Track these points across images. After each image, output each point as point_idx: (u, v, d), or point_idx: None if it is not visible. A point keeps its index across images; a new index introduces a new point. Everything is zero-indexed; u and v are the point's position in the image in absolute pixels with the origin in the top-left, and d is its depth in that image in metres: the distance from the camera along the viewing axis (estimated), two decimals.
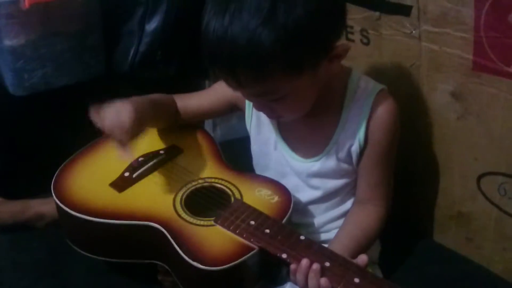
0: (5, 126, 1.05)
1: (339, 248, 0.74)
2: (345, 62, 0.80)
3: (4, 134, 1.05)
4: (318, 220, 0.85)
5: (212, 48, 0.68)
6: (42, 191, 0.85)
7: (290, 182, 0.83)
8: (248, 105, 0.87)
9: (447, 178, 0.89)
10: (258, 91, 0.71)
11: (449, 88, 0.83)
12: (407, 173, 0.92)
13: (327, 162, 0.81)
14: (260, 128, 0.87)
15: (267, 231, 0.73)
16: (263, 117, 0.83)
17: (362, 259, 0.69)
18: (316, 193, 0.84)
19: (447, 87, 0.84)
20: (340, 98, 0.79)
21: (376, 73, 0.92)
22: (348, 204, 0.85)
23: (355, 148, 0.79)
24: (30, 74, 1.03)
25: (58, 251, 0.85)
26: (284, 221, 0.76)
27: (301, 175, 0.83)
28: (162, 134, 0.93)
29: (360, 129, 0.78)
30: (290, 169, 0.84)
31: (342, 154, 0.80)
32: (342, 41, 0.74)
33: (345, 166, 0.81)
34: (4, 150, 1.06)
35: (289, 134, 0.84)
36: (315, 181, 0.83)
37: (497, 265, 0.87)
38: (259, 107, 0.77)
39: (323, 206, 0.85)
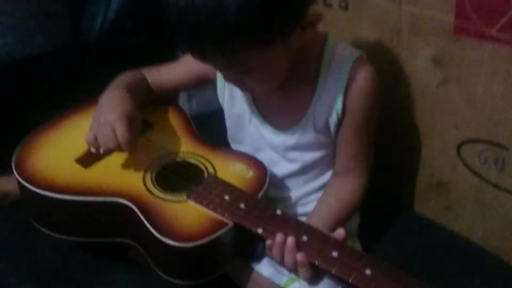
0: None
1: (318, 222, 0.72)
2: (322, 28, 0.76)
3: None
4: (295, 194, 0.83)
5: (174, 19, 0.64)
6: (5, 169, 0.80)
7: (266, 156, 0.80)
8: (220, 78, 0.82)
9: (427, 146, 0.87)
10: (226, 64, 0.68)
11: (430, 54, 0.80)
12: (387, 142, 0.90)
13: (304, 135, 0.78)
14: (233, 101, 0.83)
15: (242, 206, 0.70)
16: (236, 89, 0.79)
17: (340, 233, 0.67)
18: (294, 166, 0.81)
19: (427, 53, 0.81)
20: (316, 66, 0.75)
21: (355, 39, 0.89)
22: (327, 176, 0.82)
23: (333, 119, 0.76)
24: None
25: (23, 229, 0.81)
26: (259, 195, 0.73)
27: (277, 148, 0.81)
28: None
29: (338, 99, 0.75)
30: (266, 143, 0.81)
31: (320, 125, 0.77)
32: (315, 8, 0.70)
33: (322, 137, 0.78)
34: None
35: (263, 106, 0.80)
36: (292, 154, 0.80)
37: (477, 234, 0.86)
38: (229, 80, 0.74)
39: (300, 179, 0.82)
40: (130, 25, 1.07)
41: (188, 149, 0.81)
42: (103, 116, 0.76)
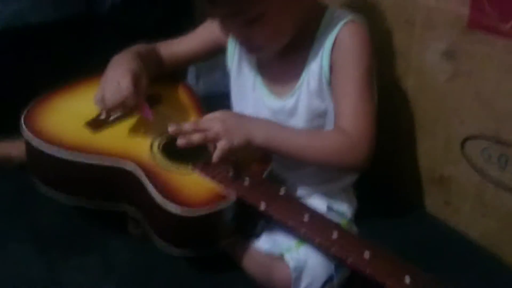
0: None
1: (284, 130, 0.75)
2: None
3: None
4: (298, 172, 0.82)
5: None
6: (9, 132, 0.80)
7: None
8: (231, 43, 0.85)
9: (432, 140, 0.88)
10: (230, 10, 0.70)
11: (441, 47, 0.81)
12: (391, 133, 0.90)
13: (301, 98, 0.79)
14: (240, 69, 0.85)
15: (246, 182, 0.71)
16: (245, 58, 0.82)
17: None
18: None
19: (439, 46, 0.81)
20: (314, 31, 0.77)
21: (369, 25, 0.88)
22: None
23: (323, 78, 0.77)
24: (4, 7, 0.97)
25: (25, 193, 0.81)
26: (264, 174, 0.73)
27: (278, 114, 0.81)
28: None
29: (324, 56, 0.76)
30: (267, 110, 0.82)
31: (313, 86, 0.77)
32: None
33: (318, 101, 0.78)
34: None
35: (267, 73, 0.82)
36: (293, 121, 0.80)
37: (475, 231, 0.86)
38: (237, 35, 0.76)
39: None
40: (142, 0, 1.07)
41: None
42: (110, 73, 0.79)
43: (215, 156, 0.71)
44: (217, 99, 0.98)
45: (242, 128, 0.73)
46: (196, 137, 0.71)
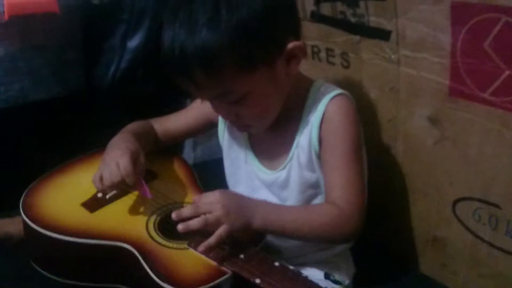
0: None
1: (280, 211, 0.76)
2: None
3: None
4: (293, 242, 0.84)
5: (166, 56, 0.71)
6: (9, 209, 0.83)
7: (262, 196, 0.83)
8: (221, 120, 0.88)
9: (424, 202, 0.89)
10: (217, 92, 0.73)
11: (426, 113, 0.84)
12: (384, 196, 0.92)
13: (292, 171, 0.81)
14: (232, 142, 0.88)
15: (241, 256, 0.72)
16: (235, 132, 0.85)
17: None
18: None
19: (424, 112, 0.84)
20: (302, 104, 0.80)
21: (356, 96, 0.92)
22: None
23: (312, 153, 0.79)
24: (7, 86, 1.02)
25: (24, 271, 0.82)
26: (259, 247, 0.75)
27: (271, 187, 0.83)
28: None
29: (313, 132, 0.78)
30: (260, 182, 0.84)
31: (303, 160, 0.80)
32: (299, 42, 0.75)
33: (309, 174, 0.80)
34: None
35: (258, 147, 0.85)
36: (285, 193, 0.82)
37: None
38: (225, 115, 0.78)
39: None
40: (141, 74, 1.12)
41: (191, 199, 0.84)
42: (108, 155, 0.82)
43: (214, 240, 0.71)
44: (214, 164, 1.01)
45: (241, 211, 0.73)
46: (196, 223, 0.71)
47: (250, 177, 0.85)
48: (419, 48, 0.81)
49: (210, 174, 0.96)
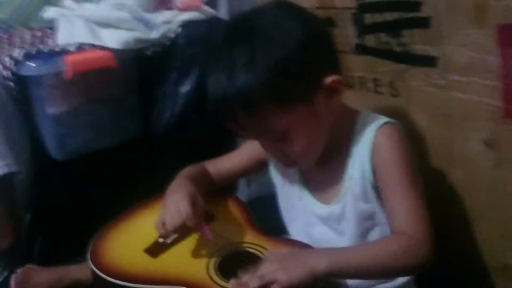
0: (48, 191, 1.09)
1: (345, 251, 0.74)
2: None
3: (44, 198, 1.09)
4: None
5: (212, 100, 0.75)
6: (77, 255, 0.87)
7: (318, 231, 0.83)
8: (273, 159, 0.89)
9: (487, 229, 0.86)
10: (259, 131, 0.75)
11: (482, 137, 0.82)
12: (445, 225, 0.89)
13: (347, 204, 0.80)
14: (284, 180, 0.89)
15: None
16: (288, 170, 0.86)
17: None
18: (346, 240, 0.82)
19: (479, 136, 0.82)
20: (350, 136, 0.80)
21: (406, 124, 0.91)
22: None
23: (367, 184, 0.78)
24: (71, 139, 1.08)
25: None
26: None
27: (327, 221, 0.83)
28: None
29: (365, 164, 0.78)
30: (316, 217, 0.84)
31: (358, 192, 0.79)
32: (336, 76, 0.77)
33: (365, 205, 0.79)
34: (42, 216, 1.10)
35: (310, 182, 0.85)
36: (342, 226, 0.82)
37: None
38: (272, 152, 0.80)
39: None
40: (194, 117, 1.16)
41: (249, 239, 0.85)
42: (168, 200, 0.84)
43: None
44: (269, 199, 1.02)
45: (300, 261, 0.70)
46: (253, 284, 0.68)
47: (306, 213, 0.86)
48: (468, 72, 0.80)
49: (266, 210, 0.97)
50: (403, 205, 0.75)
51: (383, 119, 0.80)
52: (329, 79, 0.75)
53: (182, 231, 0.83)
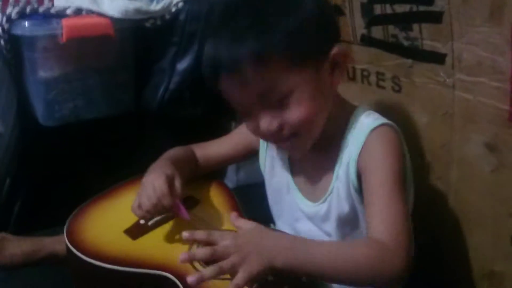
0: (31, 157, 1.06)
1: (310, 246, 0.67)
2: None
3: (29, 165, 1.06)
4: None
5: (211, 59, 0.72)
6: (56, 225, 0.83)
7: (304, 227, 0.81)
8: (262, 147, 0.87)
9: (479, 234, 0.85)
10: (262, 87, 0.71)
11: (483, 139, 0.80)
12: (437, 227, 0.88)
13: (333, 204, 0.78)
14: (273, 172, 0.86)
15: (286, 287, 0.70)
16: (277, 160, 0.83)
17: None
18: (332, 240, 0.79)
19: (481, 138, 0.80)
20: (342, 132, 0.77)
21: (406, 121, 0.90)
22: None
23: (349, 184, 0.76)
24: (61, 105, 1.05)
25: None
26: (304, 279, 0.71)
27: (313, 219, 0.81)
28: None
29: (351, 162, 0.75)
30: (302, 213, 0.82)
31: (342, 191, 0.76)
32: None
33: (349, 207, 0.76)
34: (23, 182, 1.07)
35: (299, 177, 0.83)
36: (327, 226, 0.79)
37: None
38: (269, 124, 0.73)
39: None
40: (188, 96, 1.13)
41: (231, 224, 0.82)
42: (145, 180, 0.81)
43: None
44: (257, 187, 1.00)
45: (260, 254, 0.64)
46: (210, 273, 0.64)
47: (293, 208, 0.83)
48: (476, 72, 0.78)
49: (253, 198, 0.95)
50: (381, 212, 0.69)
51: (379, 120, 0.76)
52: (336, 49, 0.74)
53: (160, 212, 0.80)
